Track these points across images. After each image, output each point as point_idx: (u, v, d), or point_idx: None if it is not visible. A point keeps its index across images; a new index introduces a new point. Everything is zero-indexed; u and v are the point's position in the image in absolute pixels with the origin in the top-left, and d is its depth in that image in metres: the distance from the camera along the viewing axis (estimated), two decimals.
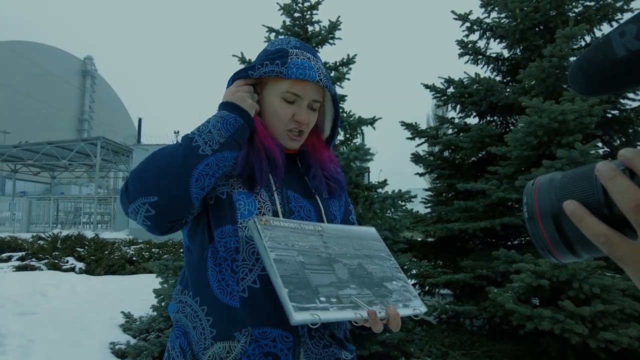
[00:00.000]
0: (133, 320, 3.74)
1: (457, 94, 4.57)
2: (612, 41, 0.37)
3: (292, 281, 0.71)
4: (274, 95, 0.97)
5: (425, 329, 3.52)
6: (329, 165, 1.06)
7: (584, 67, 0.41)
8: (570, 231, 0.40)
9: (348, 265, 0.82)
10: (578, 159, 3.01)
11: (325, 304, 0.71)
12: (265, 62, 0.94)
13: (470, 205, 3.75)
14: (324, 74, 0.97)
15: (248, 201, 0.91)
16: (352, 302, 0.74)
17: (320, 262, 0.79)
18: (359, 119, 3.73)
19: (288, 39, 1.02)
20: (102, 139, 19.32)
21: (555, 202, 0.41)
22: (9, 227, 17.63)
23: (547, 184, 0.43)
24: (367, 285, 0.81)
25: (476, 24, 4.76)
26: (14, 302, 4.18)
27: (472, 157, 4.44)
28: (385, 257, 0.92)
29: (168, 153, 0.84)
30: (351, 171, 3.53)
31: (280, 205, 0.94)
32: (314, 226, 0.87)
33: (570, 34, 3.55)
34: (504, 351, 3.21)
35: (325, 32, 3.81)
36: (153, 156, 0.85)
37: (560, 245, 0.42)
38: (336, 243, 0.86)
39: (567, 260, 0.43)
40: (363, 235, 0.94)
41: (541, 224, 0.42)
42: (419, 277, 3.99)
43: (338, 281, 0.77)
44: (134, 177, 0.83)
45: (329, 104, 1.08)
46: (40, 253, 7.49)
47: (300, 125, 0.97)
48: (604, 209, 0.38)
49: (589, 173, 0.40)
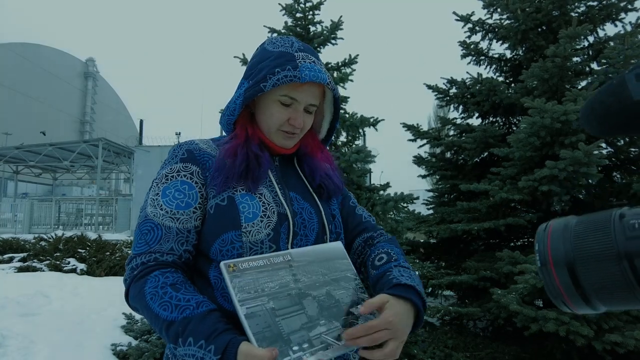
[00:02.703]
0: (135, 322, 3.72)
1: (460, 95, 4.56)
2: (627, 83, 0.36)
3: (265, 336, 0.73)
4: (270, 98, 0.94)
5: (428, 331, 3.50)
6: (323, 165, 1.05)
7: (597, 109, 0.39)
8: (587, 282, 0.39)
9: (317, 298, 0.83)
10: (582, 159, 2.99)
11: (298, 353, 0.73)
12: (277, 70, 0.90)
13: (473, 206, 3.73)
14: (329, 76, 0.96)
15: (252, 203, 0.90)
16: (323, 342, 0.76)
17: (291, 302, 0.79)
18: (361, 120, 3.72)
19: (289, 40, 0.98)
20: (104, 141, 19.36)
21: (571, 251, 0.40)
22: (11, 229, 17.65)
23: (561, 230, 0.41)
24: (335, 317, 0.82)
25: (478, 25, 4.75)
26: (15, 303, 4.17)
27: (474, 158, 4.43)
28: (350, 277, 0.91)
29: (154, 326, 0.82)
30: (353, 173, 3.52)
31: (287, 206, 0.93)
32: (283, 257, 0.85)
33: (574, 34, 3.53)
34: (508, 353, 3.19)
35: (327, 32, 3.80)
36: (141, 310, 0.82)
37: (575, 297, 0.40)
38: (306, 272, 0.86)
39: (582, 312, 0.42)
40: (330, 254, 0.93)
41: (555, 273, 0.40)
42: (421, 278, 3.97)
43: (308, 320, 0.78)
44: (132, 304, 0.85)
45: (328, 105, 1.06)
46: (41, 254, 7.48)
47: (294, 129, 0.96)
48: (624, 262, 0.37)
49: (605, 223, 0.39)
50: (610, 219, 0.39)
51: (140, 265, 0.84)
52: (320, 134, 1.10)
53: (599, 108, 0.39)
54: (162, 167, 0.94)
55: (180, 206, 0.88)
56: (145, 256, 0.85)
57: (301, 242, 0.94)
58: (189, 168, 0.91)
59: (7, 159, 21.52)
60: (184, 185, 0.90)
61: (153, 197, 0.90)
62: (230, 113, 0.97)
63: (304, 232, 0.95)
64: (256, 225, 0.88)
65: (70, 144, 20.69)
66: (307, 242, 0.95)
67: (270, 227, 0.89)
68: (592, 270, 0.38)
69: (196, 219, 0.89)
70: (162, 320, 0.78)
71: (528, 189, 3.32)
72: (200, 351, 0.73)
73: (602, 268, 0.38)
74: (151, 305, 0.79)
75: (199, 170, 0.92)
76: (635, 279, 0.36)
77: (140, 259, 0.85)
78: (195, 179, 0.91)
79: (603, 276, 0.38)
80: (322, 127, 1.09)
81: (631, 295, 0.37)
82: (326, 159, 1.07)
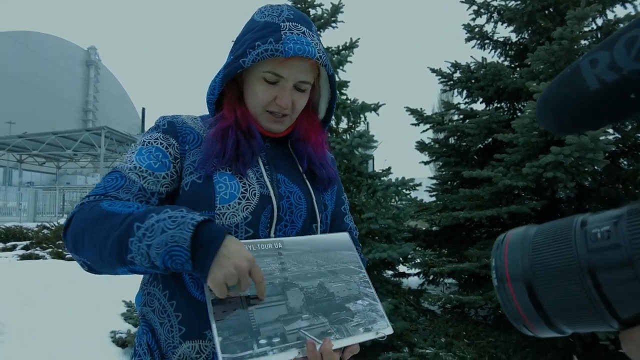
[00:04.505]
0: (134, 309, 3.72)
1: (464, 79, 4.46)
2: (582, 71, 0.31)
3: (230, 325, 0.66)
4: (254, 75, 0.86)
5: (429, 319, 3.47)
6: (319, 150, 0.96)
7: (551, 102, 0.34)
8: (547, 302, 0.33)
9: (305, 289, 0.76)
10: (588, 145, 2.91)
11: (265, 347, 0.66)
12: (257, 43, 0.81)
13: (476, 193, 3.67)
14: (322, 50, 0.86)
15: (231, 183, 0.83)
16: (300, 338, 0.69)
17: (272, 291, 0.73)
18: (362, 105, 3.65)
19: (279, 8, 0.88)
20: (106, 129, 19.34)
21: (529, 267, 0.34)
22: (16, 217, 17.80)
23: (520, 242, 0.36)
24: (324, 312, 0.75)
25: (483, 7, 4.63)
26: (17, 291, 4.18)
27: (478, 144, 4.34)
28: (354, 269, 0.85)
29: (102, 237, 0.70)
30: (354, 159, 3.46)
31: (272, 188, 0.86)
32: (273, 244, 0.79)
33: (582, 15, 3.41)
34: (510, 341, 3.16)
35: (328, 15, 3.71)
36: (91, 223, 0.72)
37: (536, 319, 0.34)
38: (296, 261, 0.79)
39: (545, 335, 0.36)
40: (332, 245, 0.86)
41: (513, 293, 0.35)
42: (423, 266, 3.93)
43: (288, 313, 0.72)
44: (70, 235, 0.75)
45: (324, 84, 0.97)
46: (44, 242, 7.52)
47: (281, 110, 0.86)
48: (587, 278, 0.31)
49: (566, 232, 0.33)
50: (572, 227, 0.33)
51: (90, 198, 0.77)
52: (319, 114, 1.01)
53: (553, 101, 0.34)
54: (143, 135, 0.89)
55: (151, 166, 0.82)
56: (98, 196, 0.77)
57: (285, 228, 0.87)
58: (167, 139, 0.86)
59: (10, 148, 21.57)
60: (158, 152, 0.84)
61: (127, 156, 0.85)
62: (210, 92, 0.89)
63: (289, 217, 0.87)
64: (232, 208, 0.81)
65: (73, 132, 20.70)
66: (292, 229, 0.88)
67: (248, 211, 0.82)
68: (552, 288, 0.33)
69: (162, 185, 0.82)
70: (125, 214, 0.69)
71: (532, 176, 3.25)
72: (180, 214, 0.68)
73: (563, 285, 0.32)
74: (108, 209, 0.71)
75: (176, 144, 0.86)
76: (599, 296, 0.31)
77: (92, 198, 0.77)
78: (170, 151, 0.85)
79: (565, 294, 0.32)
80: (320, 107, 1.00)
81: (597, 315, 0.32)
82: (321, 145, 0.97)
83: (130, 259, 0.68)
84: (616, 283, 0.30)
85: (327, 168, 0.97)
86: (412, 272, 4.14)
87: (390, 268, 3.74)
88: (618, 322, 0.31)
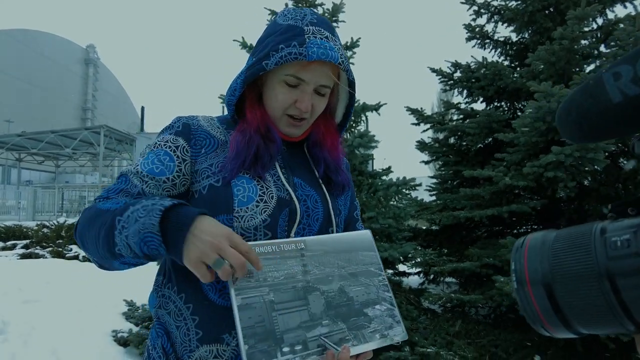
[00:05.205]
0: (135, 309, 3.72)
1: (464, 79, 4.46)
2: (606, 84, 0.32)
3: (256, 332, 0.68)
4: (275, 77, 0.86)
5: (430, 318, 3.48)
6: (335, 155, 0.96)
7: (573, 113, 0.35)
8: (566, 305, 0.35)
9: (326, 294, 0.77)
10: (589, 144, 2.92)
11: (288, 356, 0.68)
12: (281, 46, 0.81)
13: (477, 193, 3.68)
14: (344, 55, 0.86)
15: (248, 186, 0.83)
16: (320, 345, 0.71)
17: (294, 295, 0.74)
18: (363, 105, 3.65)
19: (302, 12, 0.88)
20: (105, 128, 19.32)
21: (549, 271, 0.36)
22: (15, 216, 17.78)
23: (539, 248, 0.38)
24: (343, 317, 0.76)
25: (484, 7, 4.63)
26: (17, 289, 4.19)
27: (478, 143, 4.35)
28: (374, 272, 0.85)
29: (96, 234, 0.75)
30: (355, 158, 3.47)
31: (292, 191, 0.87)
32: (296, 244, 0.78)
33: (582, 15, 3.42)
34: (510, 340, 3.17)
35: (329, 14, 3.71)
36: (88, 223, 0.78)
37: (554, 320, 0.36)
38: (319, 263, 0.79)
39: (562, 336, 0.37)
40: (353, 245, 0.86)
41: (532, 295, 0.36)
42: (423, 265, 3.94)
43: (309, 319, 0.73)
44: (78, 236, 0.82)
45: (344, 88, 0.96)
46: (44, 241, 7.51)
47: (301, 113, 0.86)
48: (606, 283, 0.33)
49: (585, 239, 0.35)
50: (591, 234, 0.35)
51: (95, 201, 0.84)
52: (336, 118, 1.01)
53: (576, 112, 0.35)
54: (158, 135, 0.91)
55: (153, 171, 0.83)
56: (102, 199, 0.83)
57: (303, 231, 0.88)
58: (177, 142, 0.87)
59: (9, 146, 21.53)
60: (166, 156, 0.85)
61: (137, 159, 0.88)
62: (231, 93, 0.89)
63: (307, 221, 0.88)
64: (250, 210, 0.82)
65: (71, 131, 20.68)
66: (309, 232, 0.88)
67: (266, 213, 0.83)
68: (571, 291, 0.35)
69: (163, 189, 0.84)
70: (112, 210, 0.75)
71: (533, 175, 3.26)
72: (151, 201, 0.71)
73: (582, 289, 0.34)
74: (102, 207, 0.77)
75: (186, 146, 0.87)
76: (617, 301, 0.33)
77: (97, 200, 0.83)
78: (178, 154, 0.86)
79: (583, 298, 0.34)
80: (337, 111, 1.00)
81: (614, 319, 0.34)
82: (336, 150, 0.97)
83: (118, 252, 0.72)
84: (635, 289, 0.32)
85: (342, 174, 0.97)
86: (413, 272, 4.15)
87: (391, 267, 3.75)
88: (635, 326, 0.33)
